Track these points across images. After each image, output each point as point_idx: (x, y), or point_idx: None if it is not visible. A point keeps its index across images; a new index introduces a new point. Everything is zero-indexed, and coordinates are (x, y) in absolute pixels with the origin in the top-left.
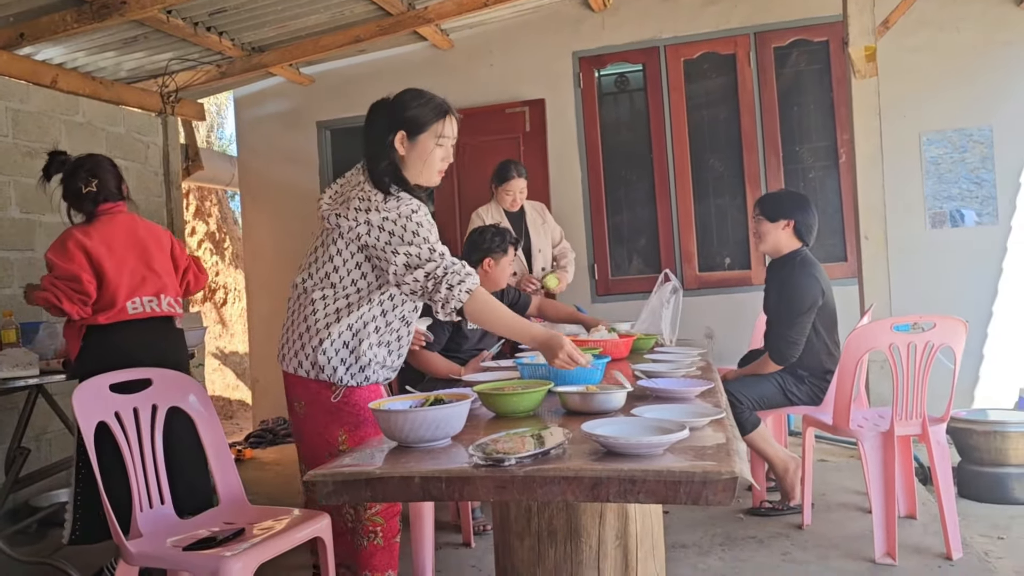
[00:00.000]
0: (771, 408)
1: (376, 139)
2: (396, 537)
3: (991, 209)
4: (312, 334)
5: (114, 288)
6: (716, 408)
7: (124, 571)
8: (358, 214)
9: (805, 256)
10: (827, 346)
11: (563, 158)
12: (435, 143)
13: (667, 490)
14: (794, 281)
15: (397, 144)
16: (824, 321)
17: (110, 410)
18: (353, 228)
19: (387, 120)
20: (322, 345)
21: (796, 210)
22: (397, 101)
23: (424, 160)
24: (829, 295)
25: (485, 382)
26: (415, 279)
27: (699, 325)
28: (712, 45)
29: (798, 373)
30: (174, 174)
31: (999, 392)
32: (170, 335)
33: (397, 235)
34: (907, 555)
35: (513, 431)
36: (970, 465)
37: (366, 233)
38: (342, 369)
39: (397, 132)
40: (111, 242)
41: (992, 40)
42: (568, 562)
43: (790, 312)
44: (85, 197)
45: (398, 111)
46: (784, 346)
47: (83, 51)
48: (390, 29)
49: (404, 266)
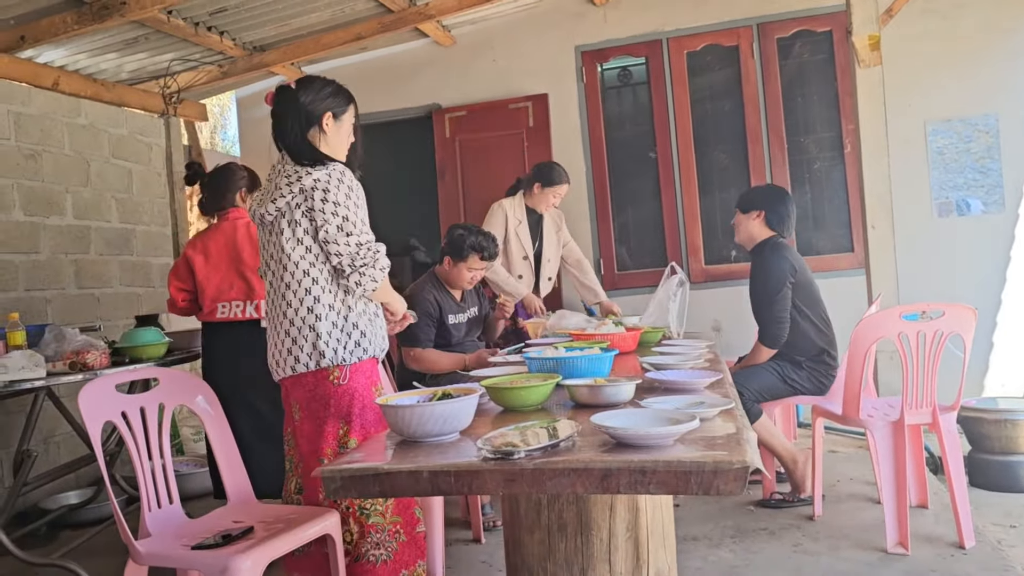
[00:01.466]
0: (775, 399)
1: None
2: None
3: (997, 197)
4: (300, 326)
5: (204, 292)
6: (725, 398)
7: (133, 570)
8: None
9: (777, 242)
10: (814, 324)
11: (567, 153)
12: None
13: (678, 480)
14: (764, 263)
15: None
16: (804, 298)
17: (117, 410)
18: (290, 201)
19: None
20: (315, 330)
21: (767, 201)
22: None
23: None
24: (803, 273)
25: (492, 376)
26: (346, 243)
27: (706, 318)
28: (715, 37)
29: (794, 358)
30: (177, 175)
31: (1009, 380)
32: (255, 338)
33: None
34: (919, 545)
35: (522, 424)
36: (981, 454)
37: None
38: (341, 349)
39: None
40: (208, 249)
41: (996, 27)
42: (579, 555)
43: (767, 292)
44: (200, 206)
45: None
46: (770, 326)
47: (84, 53)
48: (391, 26)
49: (337, 228)
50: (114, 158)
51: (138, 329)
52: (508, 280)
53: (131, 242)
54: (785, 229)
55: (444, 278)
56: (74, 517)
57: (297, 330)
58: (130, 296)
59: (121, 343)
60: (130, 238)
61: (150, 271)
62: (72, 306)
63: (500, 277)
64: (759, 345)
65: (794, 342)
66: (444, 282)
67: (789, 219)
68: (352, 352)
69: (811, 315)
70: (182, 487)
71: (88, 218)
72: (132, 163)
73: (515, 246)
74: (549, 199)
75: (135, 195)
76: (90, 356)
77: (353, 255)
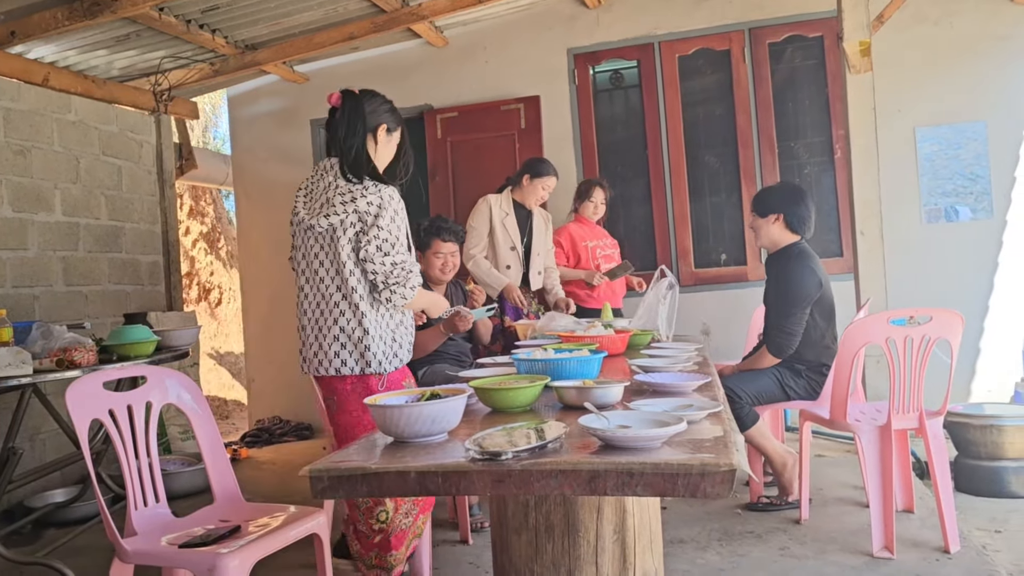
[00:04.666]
0: (769, 403)
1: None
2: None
3: (986, 204)
4: (351, 334)
5: None
6: (713, 401)
7: (119, 569)
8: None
9: (802, 248)
10: (825, 339)
11: (558, 155)
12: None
13: (665, 483)
14: (790, 274)
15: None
16: (823, 314)
17: (104, 408)
18: (344, 220)
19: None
20: (364, 342)
21: (785, 203)
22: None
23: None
24: (827, 288)
25: (482, 377)
26: (382, 263)
27: (696, 321)
28: (707, 41)
29: (795, 367)
30: (168, 173)
31: (996, 386)
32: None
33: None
34: (905, 549)
35: (510, 425)
36: (967, 459)
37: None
38: (384, 360)
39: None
40: None
41: (986, 35)
42: (566, 557)
43: (787, 304)
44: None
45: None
46: (781, 338)
47: (75, 49)
48: (384, 26)
49: (377, 248)
50: (104, 155)
51: (126, 327)
52: (490, 272)
53: (120, 240)
54: (806, 230)
55: (423, 275)
56: (60, 515)
57: (347, 337)
58: (119, 294)
59: (109, 341)
60: (119, 235)
61: (139, 269)
62: (60, 303)
63: (482, 269)
64: (764, 351)
65: (801, 353)
66: (427, 279)
67: (809, 219)
68: (391, 362)
69: (825, 331)
70: (169, 486)
71: (77, 215)
72: (122, 160)
73: (502, 237)
74: (538, 191)
75: (125, 192)
76: (77, 354)
77: (388, 273)
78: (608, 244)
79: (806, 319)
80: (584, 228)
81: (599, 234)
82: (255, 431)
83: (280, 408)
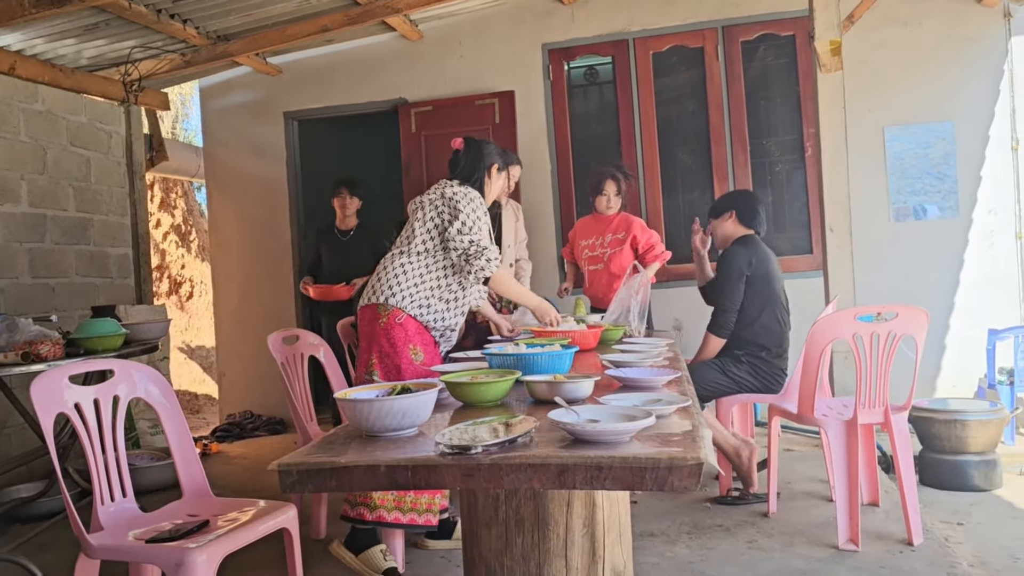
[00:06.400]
0: (723, 395)
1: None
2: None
3: (952, 203)
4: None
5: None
6: (683, 396)
7: (85, 565)
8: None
9: (750, 237)
10: (760, 319)
11: (533, 150)
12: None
13: (633, 476)
14: (726, 255)
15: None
16: (756, 294)
17: (70, 401)
18: (433, 199)
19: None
20: (398, 280)
21: (735, 201)
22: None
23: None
24: (761, 267)
25: (453, 372)
26: (461, 240)
27: (668, 317)
28: (681, 38)
29: (734, 353)
30: (137, 164)
31: (960, 382)
32: None
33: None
34: (870, 541)
35: (480, 420)
36: (931, 453)
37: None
38: (409, 301)
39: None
40: None
41: (954, 36)
42: (536, 550)
43: (717, 280)
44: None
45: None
46: (717, 314)
47: (42, 38)
48: (358, 19)
49: (458, 230)
50: (72, 145)
51: (94, 320)
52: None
53: (88, 232)
54: (758, 224)
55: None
56: (25, 511)
57: (386, 271)
58: (87, 286)
59: (76, 334)
60: (87, 227)
61: (108, 261)
62: (26, 296)
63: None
64: (707, 335)
65: (735, 335)
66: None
67: (760, 214)
68: (411, 308)
69: (759, 311)
70: (138, 481)
71: (44, 206)
72: (91, 151)
73: None
74: (507, 181)
75: (93, 184)
76: (43, 347)
77: (466, 248)
78: (606, 242)
79: (739, 296)
80: (588, 224)
81: (602, 230)
82: (226, 425)
83: (251, 403)
